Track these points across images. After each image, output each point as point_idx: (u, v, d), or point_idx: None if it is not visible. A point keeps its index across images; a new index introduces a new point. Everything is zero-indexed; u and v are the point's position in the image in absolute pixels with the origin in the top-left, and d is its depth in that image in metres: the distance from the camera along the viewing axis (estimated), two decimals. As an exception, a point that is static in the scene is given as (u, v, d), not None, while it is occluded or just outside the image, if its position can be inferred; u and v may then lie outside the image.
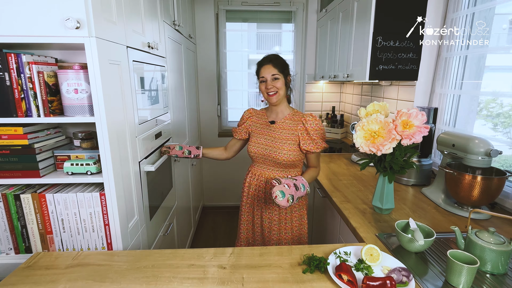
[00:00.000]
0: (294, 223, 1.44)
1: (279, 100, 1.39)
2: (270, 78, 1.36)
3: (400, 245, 1.08)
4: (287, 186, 1.20)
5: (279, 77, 1.36)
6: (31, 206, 1.08)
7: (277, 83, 1.35)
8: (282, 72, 1.37)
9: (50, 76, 1.03)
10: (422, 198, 1.50)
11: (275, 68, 1.36)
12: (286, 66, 1.41)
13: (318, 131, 1.36)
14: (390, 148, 1.05)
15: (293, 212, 1.44)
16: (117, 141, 1.11)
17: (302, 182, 1.28)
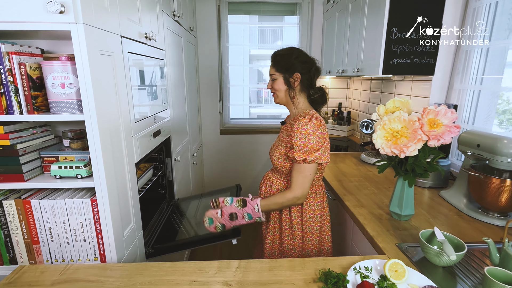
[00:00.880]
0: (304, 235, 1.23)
1: (280, 101, 1.27)
2: (270, 78, 1.26)
3: (424, 257, 0.97)
4: (220, 213, 1.13)
5: (277, 76, 1.22)
6: (15, 213, 0.98)
7: (274, 83, 1.23)
8: (280, 70, 1.21)
9: (34, 68, 0.91)
10: (441, 202, 1.39)
11: (273, 67, 1.24)
12: (289, 62, 1.19)
13: (297, 135, 1.10)
14: (415, 150, 0.94)
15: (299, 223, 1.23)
16: (110, 141, 1.00)
17: (251, 210, 1.12)
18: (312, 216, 1.21)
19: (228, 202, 1.16)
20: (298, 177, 1.13)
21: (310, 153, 1.10)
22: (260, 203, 1.14)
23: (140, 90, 1.30)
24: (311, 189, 1.21)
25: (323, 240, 1.26)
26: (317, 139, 1.10)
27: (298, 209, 1.21)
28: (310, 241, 1.23)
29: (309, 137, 1.10)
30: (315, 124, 1.11)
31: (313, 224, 1.22)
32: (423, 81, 1.80)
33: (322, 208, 1.24)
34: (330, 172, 1.79)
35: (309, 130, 1.10)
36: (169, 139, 1.75)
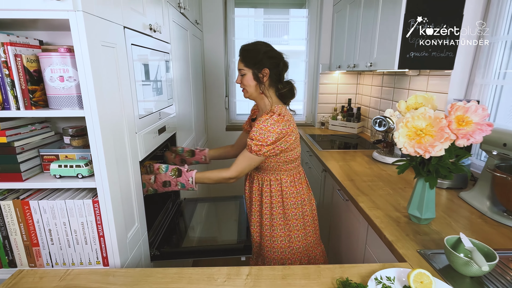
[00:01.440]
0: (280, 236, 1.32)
1: (250, 96, 1.30)
2: (239, 73, 1.27)
3: (449, 265, 0.90)
4: (153, 179, 1.20)
5: (245, 72, 1.24)
6: (13, 214, 0.92)
7: (244, 79, 1.25)
8: (248, 65, 1.23)
9: (31, 60, 0.85)
10: (461, 204, 1.31)
11: (242, 61, 1.25)
12: (258, 57, 1.22)
13: (257, 130, 1.17)
14: (441, 149, 0.86)
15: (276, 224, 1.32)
16: (113, 138, 0.94)
17: (185, 181, 1.21)
18: (293, 203, 1.30)
19: (163, 170, 1.21)
20: (242, 162, 1.22)
21: (265, 147, 1.17)
22: (195, 175, 1.22)
23: (145, 85, 1.23)
24: (289, 177, 1.31)
25: (307, 224, 1.34)
26: (276, 135, 1.16)
27: (279, 199, 1.30)
28: (295, 227, 1.31)
29: (268, 134, 1.15)
30: (275, 120, 1.16)
31: (295, 210, 1.31)
32: (441, 76, 1.71)
33: (302, 195, 1.33)
34: (341, 171, 1.72)
35: (268, 126, 1.15)
36: (174, 135, 1.69)
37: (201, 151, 1.55)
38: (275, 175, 1.30)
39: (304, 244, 1.32)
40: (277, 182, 1.30)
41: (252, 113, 1.51)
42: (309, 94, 3.04)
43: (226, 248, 1.24)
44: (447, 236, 1.04)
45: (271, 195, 1.31)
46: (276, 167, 1.28)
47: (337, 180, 1.61)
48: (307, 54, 2.94)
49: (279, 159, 1.26)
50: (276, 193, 1.30)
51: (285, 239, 1.30)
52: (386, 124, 1.81)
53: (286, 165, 1.29)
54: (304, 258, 1.34)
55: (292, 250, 1.30)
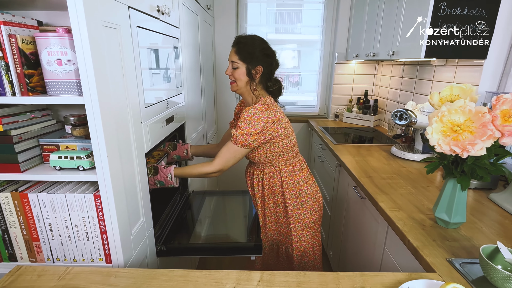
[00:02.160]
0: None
1: (238, 90, 1.27)
2: (230, 65, 1.23)
3: (483, 276, 0.80)
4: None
5: (239, 65, 1.20)
6: (11, 207, 0.87)
7: (235, 72, 1.21)
8: (244, 60, 1.20)
9: (27, 42, 0.78)
10: (491, 207, 1.20)
11: (237, 54, 1.20)
12: (255, 54, 1.19)
13: (242, 121, 1.14)
14: (482, 148, 0.76)
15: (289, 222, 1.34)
16: (116, 128, 0.87)
17: (163, 179, 1.18)
18: (294, 193, 1.29)
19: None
20: (226, 154, 1.18)
21: (250, 137, 1.14)
22: (174, 171, 1.18)
23: (151, 71, 1.16)
24: (288, 167, 1.29)
25: (309, 214, 1.33)
26: (262, 124, 1.13)
27: (280, 189, 1.30)
28: (297, 216, 1.31)
29: (252, 123, 1.13)
30: (258, 109, 1.14)
31: (297, 200, 1.30)
32: (471, 66, 1.57)
33: (304, 184, 1.31)
34: (358, 167, 1.62)
35: (253, 116, 1.13)
36: (183, 126, 1.62)
37: (183, 145, 1.49)
38: (273, 167, 1.30)
39: (307, 233, 1.34)
40: (276, 173, 1.30)
41: (238, 109, 1.47)
42: (323, 84, 2.91)
43: (235, 247, 1.18)
44: (479, 243, 0.95)
45: (271, 187, 1.31)
46: (273, 158, 1.27)
47: (354, 177, 1.51)
48: (322, 42, 2.80)
49: (274, 149, 1.24)
50: (277, 184, 1.30)
51: (287, 226, 1.33)
52: (408, 117, 1.69)
53: (283, 154, 1.27)
54: (308, 246, 1.36)
55: (295, 238, 1.32)
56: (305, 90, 3.02)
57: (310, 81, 3.01)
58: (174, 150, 1.47)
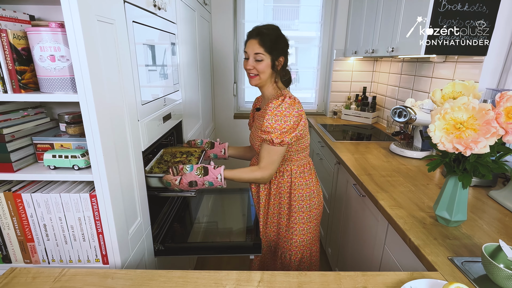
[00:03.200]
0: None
1: (259, 84, 1.19)
2: (253, 57, 1.13)
3: (485, 275, 0.80)
4: (179, 181, 1.10)
5: (264, 57, 1.12)
6: (4, 207, 0.85)
7: (260, 65, 1.13)
8: (270, 52, 1.12)
9: (18, 37, 0.76)
10: (491, 204, 1.19)
11: (261, 46, 1.11)
12: (279, 45, 1.14)
13: (272, 118, 1.09)
14: (486, 146, 0.75)
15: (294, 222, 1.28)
16: (112, 126, 0.85)
17: (213, 179, 1.11)
18: (301, 195, 1.25)
19: (187, 170, 1.11)
20: (268, 158, 1.13)
21: (287, 135, 1.10)
22: (224, 173, 1.13)
23: (148, 68, 1.13)
24: (299, 168, 1.25)
25: (313, 218, 1.29)
26: (294, 118, 1.10)
27: (287, 190, 1.25)
28: (300, 220, 1.26)
29: (285, 118, 1.08)
30: (289, 103, 1.10)
31: (302, 203, 1.25)
32: (471, 63, 1.56)
33: (311, 186, 1.27)
34: (357, 164, 1.61)
35: (284, 111, 1.09)
36: (180, 123, 1.60)
37: (221, 144, 1.46)
38: (285, 166, 1.25)
39: (308, 238, 1.29)
40: (287, 173, 1.25)
41: (258, 105, 1.39)
42: (321, 81, 2.90)
43: (234, 246, 1.17)
44: (480, 241, 0.95)
45: (279, 186, 1.26)
46: (287, 157, 1.22)
47: (353, 174, 1.50)
48: (320, 39, 2.78)
49: (290, 148, 1.20)
50: (285, 184, 1.25)
51: (288, 230, 1.28)
52: (407, 114, 1.68)
53: (298, 154, 1.24)
54: (306, 251, 1.32)
55: (295, 243, 1.28)
56: (303, 87, 3.00)
57: (308, 78, 2.99)
58: (211, 148, 1.45)
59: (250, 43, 1.14)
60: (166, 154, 1.40)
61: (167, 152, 1.42)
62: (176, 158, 1.34)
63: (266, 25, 1.16)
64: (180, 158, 1.34)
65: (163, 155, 1.38)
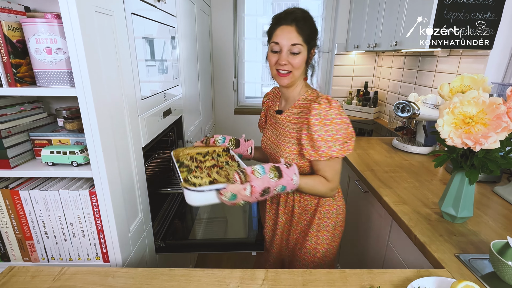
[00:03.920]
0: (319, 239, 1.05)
1: (292, 84, 0.98)
2: (288, 49, 0.90)
3: (492, 272, 0.79)
4: (249, 190, 0.79)
5: (302, 50, 0.91)
6: (2, 204, 0.83)
7: (296, 58, 0.91)
8: (308, 42, 0.92)
9: (13, 29, 0.73)
10: (496, 200, 1.18)
11: (300, 34, 0.89)
12: (316, 34, 0.95)
13: (322, 128, 0.88)
14: (496, 141, 0.73)
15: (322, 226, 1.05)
16: (111, 121, 0.82)
17: (286, 182, 0.84)
18: (327, 211, 1.04)
19: (259, 173, 0.81)
20: (331, 172, 0.94)
21: (347, 144, 0.91)
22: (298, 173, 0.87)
23: (147, 61, 1.10)
24: None
25: (336, 237, 1.08)
26: (347, 120, 0.91)
27: (314, 207, 1.04)
28: (322, 240, 1.05)
29: (339, 126, 0.89)
30: (336, 107, 0.90)
31: (328, 221, 1.05)
32: (476, 57, 1.53)
33: (337, 202, 1.07)
34: (359, 160, 1.59)
35: (335, 119, 0.89)
36: (180, 118, 1.57)
37: (247, 142, 1.20)
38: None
39: (329, 259, 1.09)
40: None
41: (270, 106, 1.14)
42: (322, 76, 2.87)
43: (236, 242, 1.15)
44: (487, 237, 0.93)
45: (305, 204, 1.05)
46: None
47: (356, 170, 1.48)
48: (321, 33, 2.74)
49: None
50: (313, 201, 1.04)
51: (310, 252, 1.05)
52: (410, 109, 1.66)
53: None
54: None
55: (312, 263, 1.06)
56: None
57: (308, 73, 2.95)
58: (237, 147, 1.17)
59: (283, 32, 0.90)
60: (182, 157, 1.06)
61: (182, 156, 1.07)
62: (204, 163, 1.01)
63: (299, 8, 0.93)
64: (210, 161, 1.02)
65: (180, 160, 1.04)
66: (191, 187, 0.79)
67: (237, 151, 1.17)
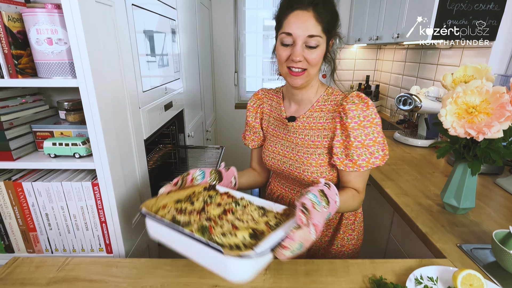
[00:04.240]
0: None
1: (308, 83, 0.80)
2: (303, 42, 0.72)
3: (494, 261, 0.79)
4: (313, 232, 0.56)
5: (321, 42, 0.72)
6: (5, 196, 0.83)
7: (313, 53, 0.72)
8: (328, 30, 0.73)
9: (13, 19, 0.72)
10: (498, 192, 1.18)
11: (319, 22, 0.71)
12: (337, 20, 0.76)
13: (363, 132, 0.75)
14: (499, 130, 0.72)
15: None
16: (112, 113, 0.82)
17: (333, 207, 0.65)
18: (351, 223, 0.92)
19: (317, 204, 0.60)
20: (363, 183, 0.82)
21: (386, 148, 0.78)
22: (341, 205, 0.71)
23: (148, 53, 1.10)
24: None
25: (356, 251, 0.96)
26: (380, 120, 0.78)
27: (337, 219, 0.92)
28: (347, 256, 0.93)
29: (379, 127, 0.77)
30: (373, 105, 0.76)
31: (353, 233, 0.93)
32: (479, 49, 1.52)
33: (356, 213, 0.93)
34: (361, 153, 1.58)
35: (375, 118, 0.76)
36: (182, 112, 1.57)
37: (228, 171, 0.86)
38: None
39: None
40: None
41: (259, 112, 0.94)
42: (323, 70, 2.85)
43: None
44: (488, 228, 0.93)
45: None
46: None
47: (358, 163, 1.48)
48: (323, 26, 2.71)
49: None
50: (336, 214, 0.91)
51: None
52: (412, 102, 1.65)
53: None
54: None
55: None
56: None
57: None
58: (220, 180, 0.83)
59: (298, 19, 0.70)
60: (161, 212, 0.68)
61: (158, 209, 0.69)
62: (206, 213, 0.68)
63: None
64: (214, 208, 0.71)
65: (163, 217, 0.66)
66: (245, 251, 0.52)
67: (222, 185, 0.83)
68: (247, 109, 0.97)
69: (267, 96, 0.95)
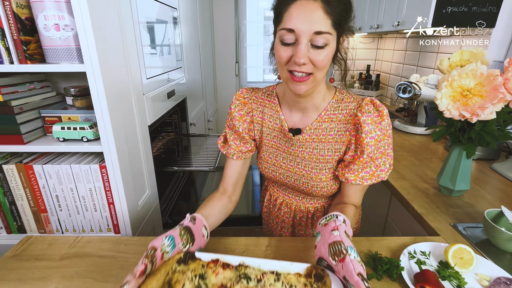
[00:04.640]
0: None
1: (313, 88, 0.66)
2: (308, 39, 0.59)
3: (485, 239, 0.82)
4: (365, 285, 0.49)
5: (331, 40, 0.59)
6: (17, 179, 0.87)
7: (321, 54, 0.59)
8: (339, 25, 0.61)
9: (21, 6, 0.75)
10: (494, 176, 1.21)
11: (329, 15, 0.57)
12: (350, 12, 0.65)
13: (376, 145, 0.68)
14: (492, 112, 0.75)
15: None
16: (118, 98, 0.85)
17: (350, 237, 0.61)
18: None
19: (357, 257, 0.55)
20: (361, 197, 0.78)
21: (391, 160, 0.73)
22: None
23: (151, 42, 1.12)
24: None
25: None
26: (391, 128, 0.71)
27: None
28: None
29: (391, 139, 0.71)
30: (388, 114, 0.69)
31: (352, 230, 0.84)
32: (478, 36, 1.53)
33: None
34: (361, 141, 1.61)
35: (389, 130, 0.69)
36: (184, 101, 1.60)
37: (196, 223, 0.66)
38: (322, 202, 0.86)
39: None
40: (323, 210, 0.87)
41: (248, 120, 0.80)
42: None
43: (241, 218, 1.19)
44: (482, 209, 0.97)
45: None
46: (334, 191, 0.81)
47: (357, 150, 1.51)
48: (324, 15, 2.71)
49: None
50: None
51: None
52: (412, 90, 1.67)
53: None
54: None
55: None
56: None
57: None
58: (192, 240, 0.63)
59: (302, 10, 0.57)
60: None
61: None
62: None
63: None
64: None
65: None
66: None
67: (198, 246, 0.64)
68: (232, 116, 0.79)
69: (256, 101, 0.80)
